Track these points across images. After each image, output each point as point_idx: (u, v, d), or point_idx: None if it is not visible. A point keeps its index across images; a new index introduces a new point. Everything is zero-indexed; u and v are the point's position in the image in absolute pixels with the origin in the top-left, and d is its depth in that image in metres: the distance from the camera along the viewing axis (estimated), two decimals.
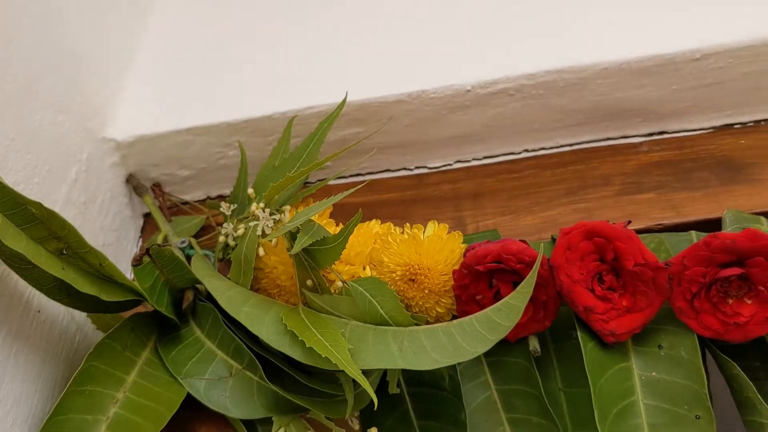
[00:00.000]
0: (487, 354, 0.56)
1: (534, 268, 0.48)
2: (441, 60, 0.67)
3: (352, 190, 0.52)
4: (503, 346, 0.56)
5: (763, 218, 0.58)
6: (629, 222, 0.52)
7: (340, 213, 0.61)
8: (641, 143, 0.68)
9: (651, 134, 0.69)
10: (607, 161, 0.67)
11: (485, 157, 0.71)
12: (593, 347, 0.52)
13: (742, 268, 0.49)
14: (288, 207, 0.57)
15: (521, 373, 0.55)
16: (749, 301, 0.50)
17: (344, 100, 0.60)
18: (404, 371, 0.59)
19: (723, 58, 0.63)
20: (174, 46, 0.75)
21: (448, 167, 0.71)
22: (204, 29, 0.76)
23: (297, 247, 0.49)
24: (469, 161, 0.71)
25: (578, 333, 0.52)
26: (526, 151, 0.70)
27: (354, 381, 0.50)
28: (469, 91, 0.65)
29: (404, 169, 0.72)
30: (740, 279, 0.50)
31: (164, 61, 0.74)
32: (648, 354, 0.53)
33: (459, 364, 0.57)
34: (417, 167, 0.72)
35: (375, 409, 0.50)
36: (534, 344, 0.54)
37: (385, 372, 0.55)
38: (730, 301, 0.50)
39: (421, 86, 0.65)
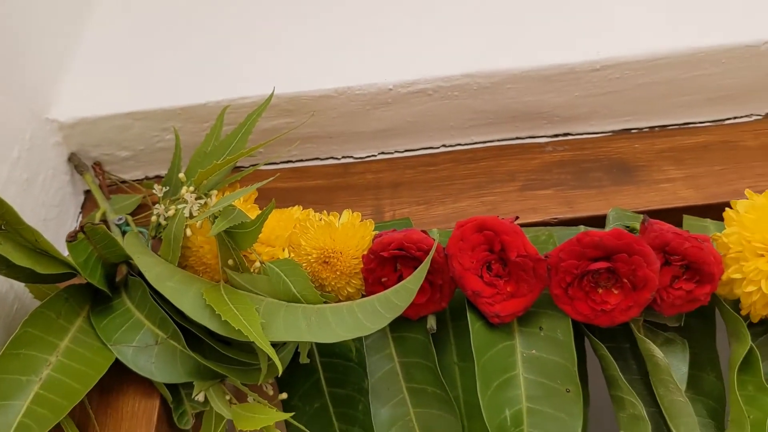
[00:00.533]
0: (393, 330, 0.63)
1: (428, 256, 0.54)
2: (367, 59, 0.72)
3: (272, 178, 0.59)
4: (407, 323, 0.62)
5: (643, 216, 0.65)
6: (517, 218, 0.59)
7: (269, 197, 0.66)
8: (547, 143, 0.75)
9: (556, 135, 0.75)
10: (514, 159, 0.74)
11: (406, 150, 0.76)
12: (480, 327, 0.58)
13: (609, 262, 0.56)
14: (215, 191, 0.62)
15: (421, 348, 0.61)
16: (616, 291, 0.57)
17: (272, 94, 0.65)
18: (318, 344, 0.65)
19: (620, 70, 0.70)
20: (117, 32, 0.78)
21: (372, 158, 0.76)
22: (147, 17, 0.80)
23: (215, 230, 0.55)
24: (391, 153, 0.76)
25: (468, 314, 0.59)
26: (444, 146, 0.76)
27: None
28: (391, 89, 0.70)
29: (332, 158, 0.77)
30: (608, 272, 0.56)
31: (107, 45, 0.77)
32: (530, 334, 0.59)
33: (366, 338, 0.63)
34: (344, 156, 0.77)
35: (289, 376, 0.56)
36: (431, 323, 0.61)
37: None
38: (600, 291, 0.57)
39: (347, 83, 0.70)
